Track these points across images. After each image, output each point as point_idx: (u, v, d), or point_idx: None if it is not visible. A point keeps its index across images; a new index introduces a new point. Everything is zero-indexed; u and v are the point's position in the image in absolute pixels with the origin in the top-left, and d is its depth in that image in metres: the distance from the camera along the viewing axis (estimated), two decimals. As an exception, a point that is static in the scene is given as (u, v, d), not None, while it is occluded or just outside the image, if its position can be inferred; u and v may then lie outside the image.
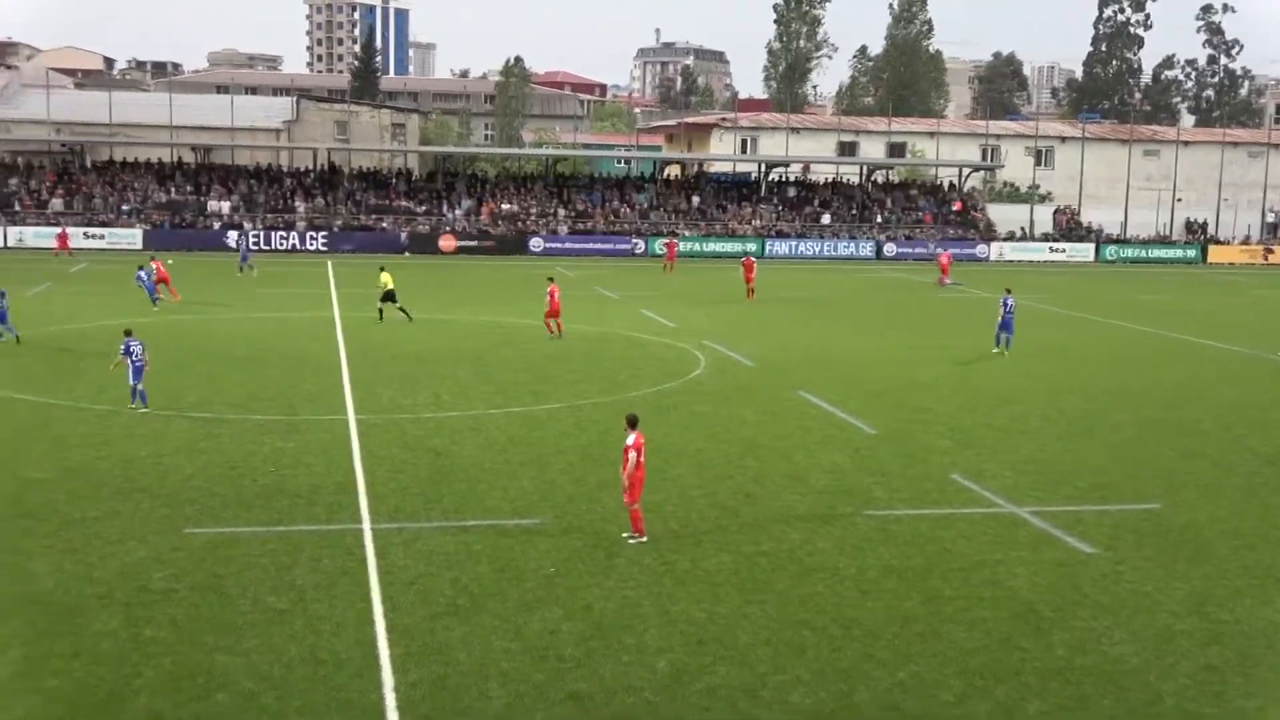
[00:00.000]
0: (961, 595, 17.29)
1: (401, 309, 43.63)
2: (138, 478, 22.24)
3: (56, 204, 77.01)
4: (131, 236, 73.91)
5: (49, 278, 55.84)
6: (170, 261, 49.01)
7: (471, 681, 14.09)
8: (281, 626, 15.54)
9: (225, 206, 78.94)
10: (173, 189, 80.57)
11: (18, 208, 76.54)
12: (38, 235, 72.67)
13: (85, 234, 73.30)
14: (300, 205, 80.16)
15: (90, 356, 34.91)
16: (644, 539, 19.19)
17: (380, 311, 43.71)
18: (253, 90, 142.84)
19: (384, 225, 79.12)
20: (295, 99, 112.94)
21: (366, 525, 19.78)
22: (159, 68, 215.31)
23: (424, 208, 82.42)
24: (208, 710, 13.26)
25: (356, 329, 41.42)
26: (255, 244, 74.39)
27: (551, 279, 43.51)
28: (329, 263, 68.22)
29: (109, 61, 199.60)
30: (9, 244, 71.95)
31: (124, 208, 77.51)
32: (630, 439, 19.43)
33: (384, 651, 14.82)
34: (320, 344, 38.27)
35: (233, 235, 74.65)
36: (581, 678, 14.27)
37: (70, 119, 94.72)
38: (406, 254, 75.12)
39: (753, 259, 56.99)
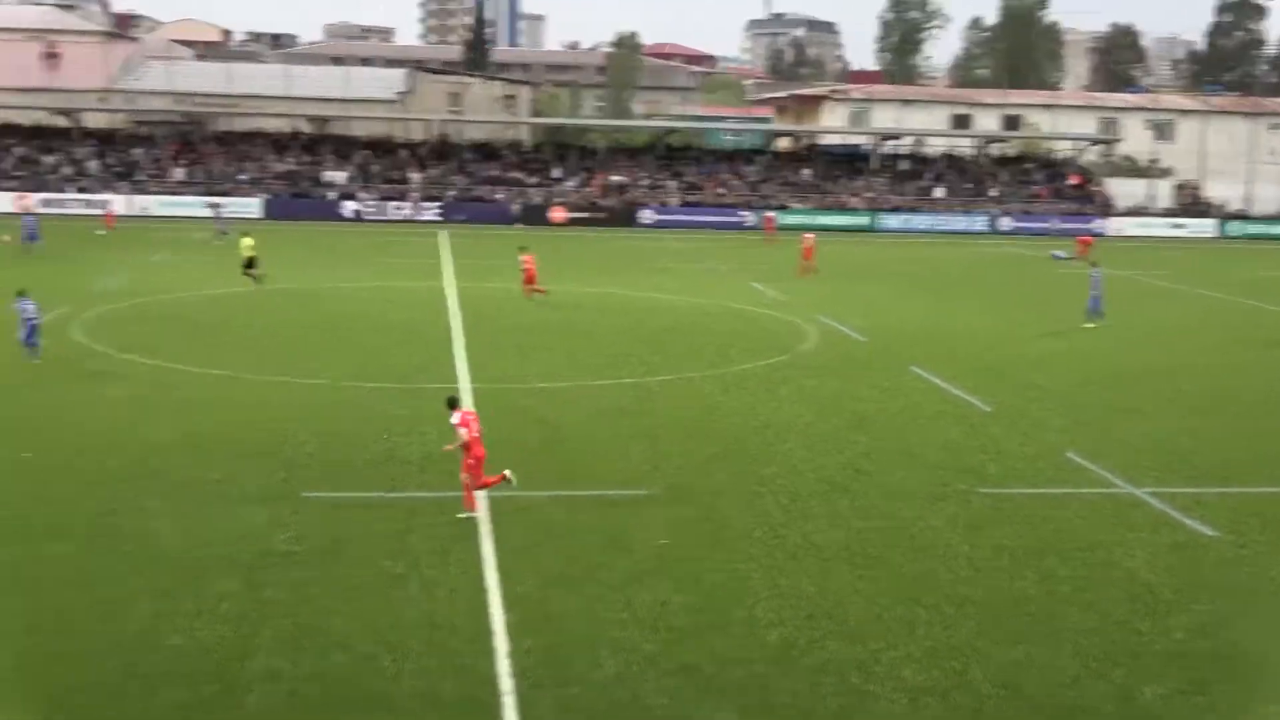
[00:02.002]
0: (1077, 576, 17.04)
1: (252, 275, 42.97)
2: (258, 441, 22.70)
3: (178, 173, 78.64)
4: (250, 206, 75.23)
5: (168, 246, 57.06)
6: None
7: (583, 650, 14.20)
8: (397, 591, 15.79)
9: (341, 177, 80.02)
10: (290, 159, 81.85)
11: (142, 177, 78.27)
12: (161, 204, 74.29)
13: (206, 203, 74.64)
14: (414, 176, 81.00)
15: (209, 323, 35.67)
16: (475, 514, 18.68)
17: (254, 279, 42.89)
18: (367, 62, 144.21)
19: (498, 196, 79.64)
20: (409, 71, 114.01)
21: (480, 493, 19.97)
22: (275, 40, 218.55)
23: (535, 179, 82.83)
24: (325, 671, 13.52)
25: (469, 299, 41.78)
26: (371, 213, 75.38)
27: (524, 248, 43.67)
28: (442, 233, 68.89)
29: (227, 34, 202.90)
30: (134, 213, 73.55)
31: (242, 177, 78.90)
32: (455, 418, 19.00)
33: (497, 618, 15.00)
34: (434, 314, 38.69)
35: (350, 205, 75.69)
36: (692, 649, 14.31)
37: (191, 90, 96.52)
38: (519, 225, 75.55)
39: (813, 236, 55.39)
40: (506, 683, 13.37)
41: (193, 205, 74.08)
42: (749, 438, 24.15)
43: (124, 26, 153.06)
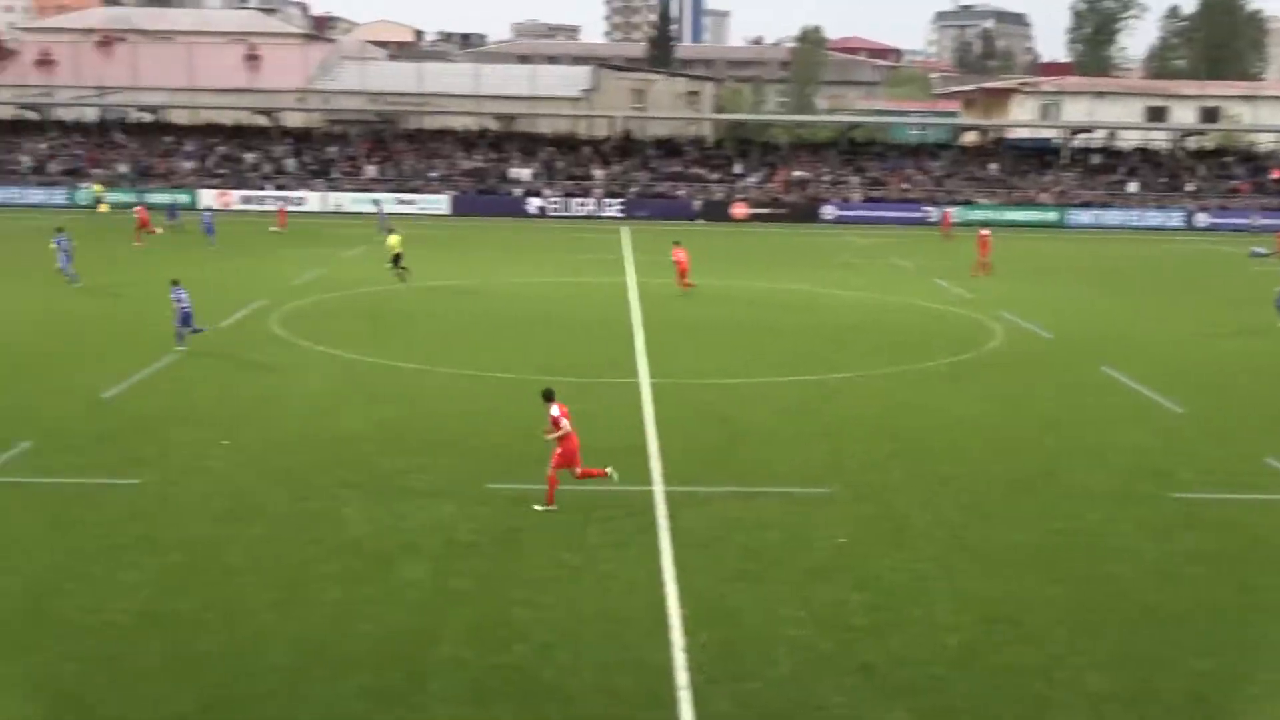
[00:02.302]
0: (1277, 586, 16.39)
1: (400, 270, 44.10)
2: (444, 433, 23.23)
3: (370, 171, 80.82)
4: (439, 202, 76.91)
5: (364, 242, 58.64)
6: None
7: (759, 647, 14.20)
8: (576, 583, 16.00)
9: (526, 174, 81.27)
10: (477, 156, 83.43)
11: (336, 174, 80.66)
12: (354, 201, 76.45)
13: (398, 200, 76.67)
14: (597, 172, 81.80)
15: (402, 317, 36.60)
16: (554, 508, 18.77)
17: (401, 274, 43.97)
18: (553, 60, 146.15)
19: (680, 192, 79.90)
20: (594, 68, 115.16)
21: (658, 488, 20.12)
22: (465, 39, 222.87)
23: (717, 175, 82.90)
24: (507, 661, 13.78)
25: (651, 295, 42.05)
26: (555, 210, 76.38)
27: (677, 242, 44.29)
28: (624, 229, 69.43)
29: (419, 34, 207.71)
30: (327, 209, 75.84)
31: (432, 174, 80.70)
32: (554, 410, 19.02)
33: (674, 612, 15.09)
34: (616, 310, 39.03)
35: (534, 202, 76.80)
36: (870, 649, 14.20)
37: (383, 89, 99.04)
38: (700, 221, 75.73)
39: (989, 232, 53.50)
40: (682, 677, 13.45)
41: (385, 202, 76.00)
42: (931, 436, 23.82)
43: (321, 28, 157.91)
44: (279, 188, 78.02)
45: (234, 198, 75.62)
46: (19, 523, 17.91)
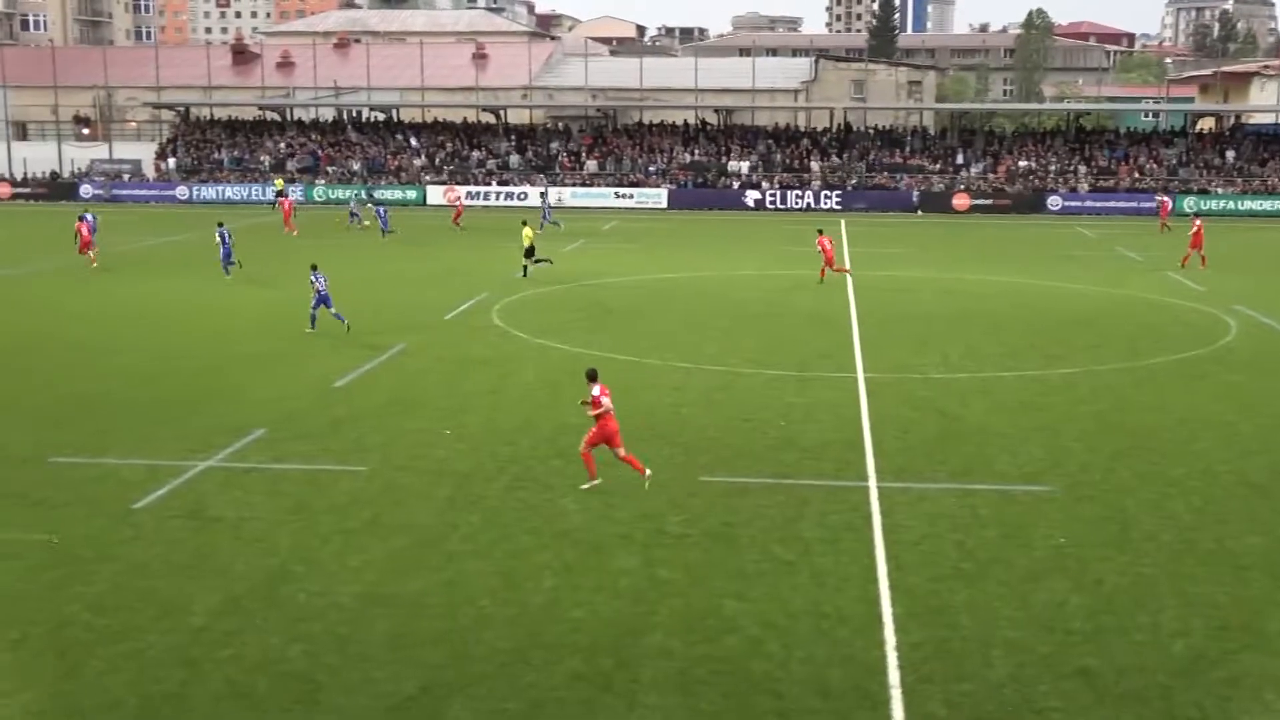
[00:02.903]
0: None
1: (540, 260, 44.20)
2: (657, 425, 23.42)
3: (591, 166, 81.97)
4: (657, 196, 77.53)
5: (584, 235, 59.51)
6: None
7: (975, 647, 13.94)
8: (787, 577, 15.96)
9: (744, 166, 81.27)
10: (695, 150, 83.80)
11: (557, 170, 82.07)
12: (574, 195, 77.63)
13: (616, 194, 77.59)
14: (815, 164, 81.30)
15: (619, 310, 37.03)
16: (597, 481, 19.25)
17: (525, 268, 43.85)
18: (773, 52, 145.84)
19: (899, 184, 78.78)
20: (814, 59, 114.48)
21: (872, 483, 19.92)
22: (686, 33, 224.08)
23: (938, 165, 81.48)
24: (716, 652, 13.83)
25: (867, 287, 41.60)
26: (773, 202, 76.19)
27: (821, 230, 44.13)
28: (842, 221, 68.83)
29: (641, 29, 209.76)
30: (549, 203, 77.07)
31: (650, 168, 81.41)
32: (595, 390, 19.25)
33: (886, 610, 14.92)
34: (832, 302, 38.74)
35: (752, 194, 76.72)
36: (1090, 653, 13.79)
37: (605, 85, 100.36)
38: (919, 212, 74.59)
39: (1202, 222, 50.13)
40: (894, 675, 13.29)
41: (603, 196, 77.11)
42: (1159, 435, 22.97)
43: (546, 26, 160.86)
44: (501, 183, 79.75)
45: (460, 193, 77.60)
46: (255, 507, 18.76)
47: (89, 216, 48.79)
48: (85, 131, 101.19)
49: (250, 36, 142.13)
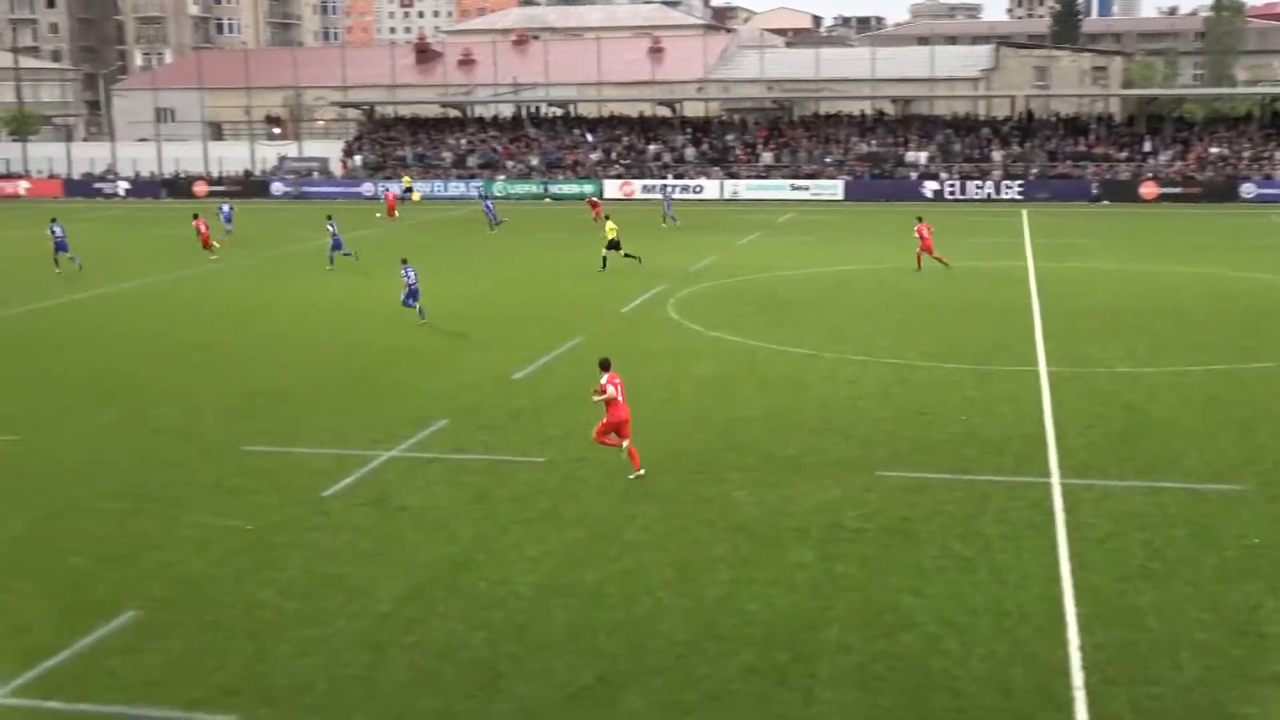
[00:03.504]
0: None
1: (627, 254, 44.14)
2: (833, 419, 23.27)
3: (767, 158, 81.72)
4: (833, 188, 76.92)
5: (759, 228, 59.39)
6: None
7: (1162, 650, 13.54)
8: (966, 574, 15.72)
9: (922, 157, 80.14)
10: (872, 141, 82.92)
11: (733, 162, 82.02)
12: (749, 188, 77.49)
13: (791, 186, 77.24)
14: (996, 154, 79.73)
15: (795, 303, 36.87)
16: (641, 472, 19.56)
17: (604, 260, 43.96)
18: (952, 40, 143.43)
19: (1084, 173, 76.73)
20: (994, 46, 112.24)
21: (1055, 479, 19.49)
22: (863, 23, 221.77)
23: (1124, 154, 79.15)
24: (893, 649, 13.70)
25: (1049, 279, 40.67)
26: (952, 192, 74.94)
27: (920, 218, 44.27)
28: (1023, 211, 67.38)
29: (817, 20, 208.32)
30: (725, 196, 77.19)
31: (827, 160, 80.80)
32: (604, 378, 19.66)
33: (1070, 609, 14.59)
34: (1012, 294, 37.96)
35: (930, 185, 75.60)
36: (1285, 658, 13.30)
37: (780, 76, 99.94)
38: (1104, 202, 72.61)
39: None
40: (1078, 677, 13.00)
41: (779, 188, 76.82)
42: (1362, 433, 22.00)
43: (721, 19, 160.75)
44: (677, 176, 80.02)
45: (635, 187, 78.09)
46: (437, 496, 19.20)
47: (226, 207, 51.79)
48: (276, 131, 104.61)
49: (432, 36, 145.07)
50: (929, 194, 75.72)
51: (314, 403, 25.29)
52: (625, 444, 19.78)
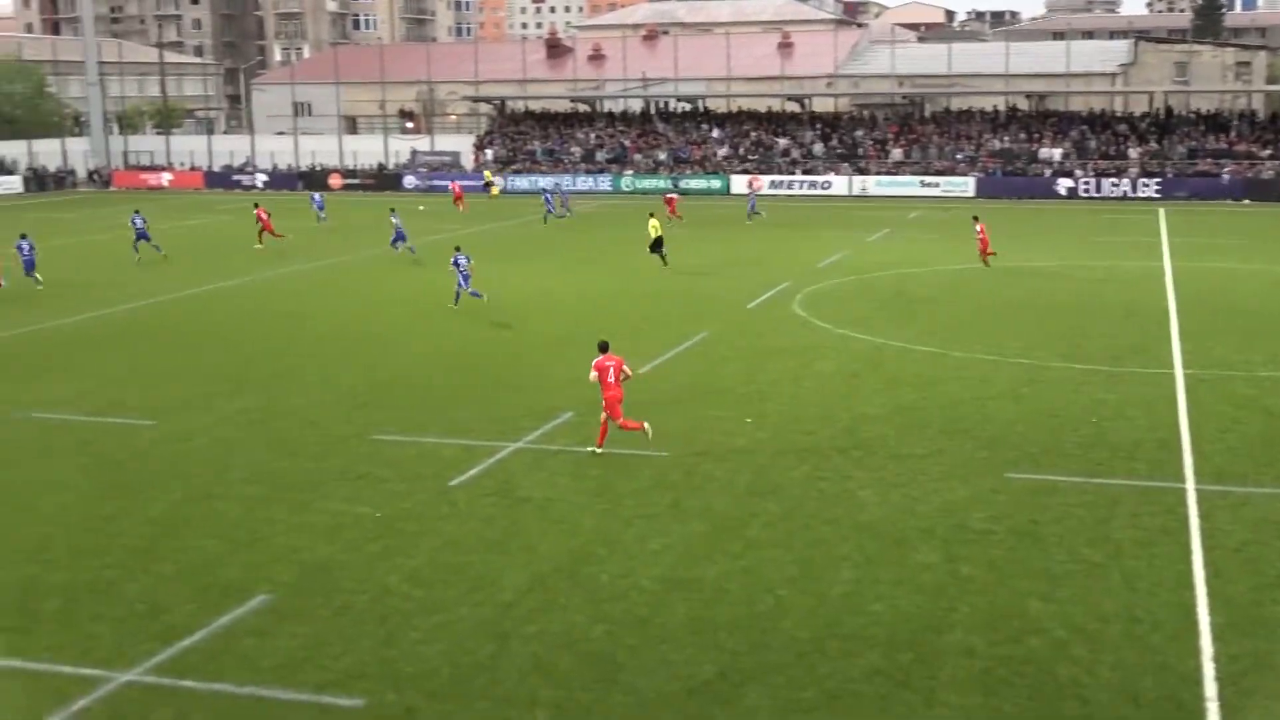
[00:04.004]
0: None
1: (662, 255, 43.49)
2: (961, 419, 22.97)
3: (896, 154, 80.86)
4: (964, 185, 75.83)
5: (888, 224, 58.81)
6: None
7: (1300, 662, 13.15)
8: (1096, 580, 15.41)
9: (1057, 154, 78.61)
10: (1005, 137, 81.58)
11: (862, 158, 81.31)
12: (878, 184, 76.76)
13: (921, 182, 76.34)
14: (1132, 151, 77.93)
15: (923, 300, 36.44)
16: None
17: (664, 257, 43.64)
18: (1089, 35, 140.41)
19: (1224, 171, 74.65)
20: (1133, 41, 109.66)
21: (1190, 485, 19.02)
22: (997, 17, 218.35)
23: (1268, 151, 76.81)
24: (1019, 653, 13.48)
25: (1187, 279, 39.66)
26: (1086, 190, 73.45)
27: (976, 218, 44.87)
28: (1160, 210, 65.79)
29: (949, 14, 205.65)
30: (853, 192, 76.55)
31: (958, 156, 79.69)
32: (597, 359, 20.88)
33: (1204, 618, 14.23)
34: (1148, 294, 37.09)
35: (1064, 182, 74.22)
36: None
37: (911, 72, 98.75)
38: (1245, 201, 70.59)
39: None
40: (1211, 687, 12.67)
41: (909, 185, 76.02)
42: None
43: (852, 14, 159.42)
44: (805, 172, 79.55)
45: (763, 182, 77.81)
46: (561, 488, 19.34)
47: (318, 196, 53.46)
48: (409, 125, 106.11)
49: (563, 31, 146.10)
50: (1062, 191, 74.28)
51: (443, 393, 25.64)
52: (619, 422, 20.76)
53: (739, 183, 78.12)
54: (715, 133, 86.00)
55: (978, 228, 43.45)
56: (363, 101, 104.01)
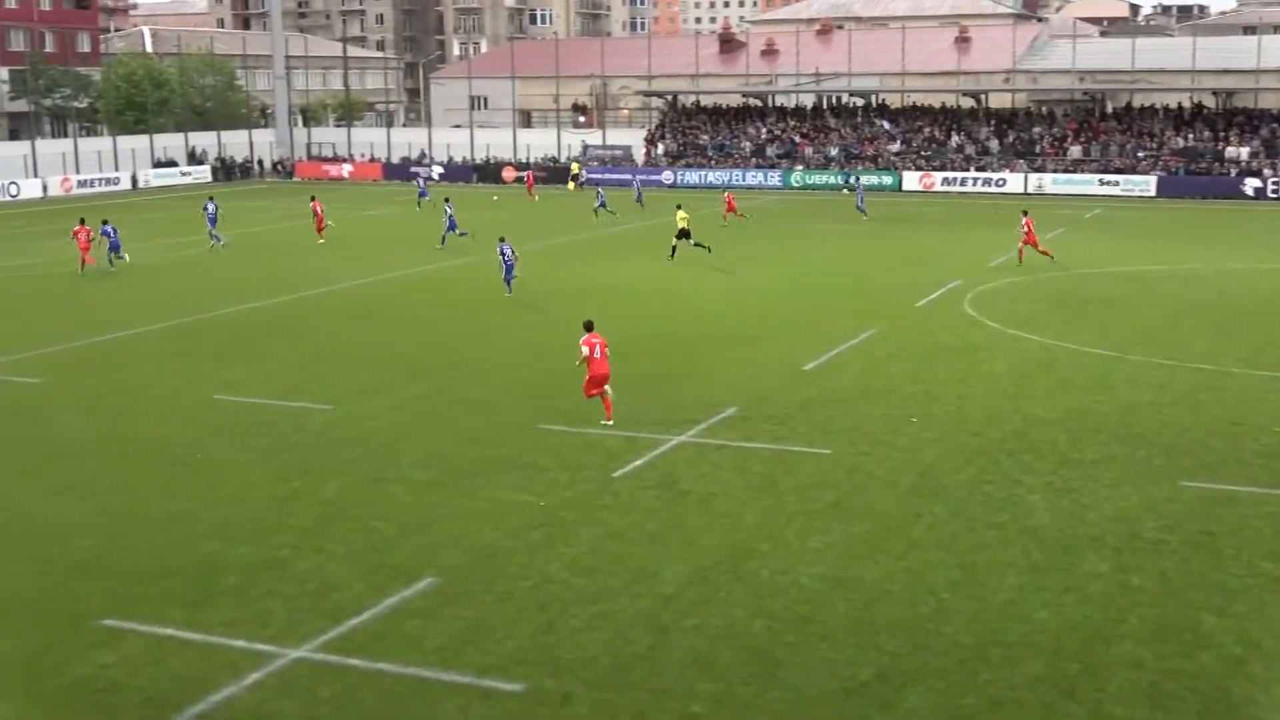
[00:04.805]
0: None
1: (697, 244, 43.76)
2: (1135, 424, 22.36)
3: (1075, 151, 78.93)
4: (1145, 184, 73.65)
5: (1063, 223, 57.47)
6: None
7: None
8: (1275, 595, 14.89)
9: (1244, 152, 75.87)
10: (1189, 135, 79.03)
11: (1038, 156, 79.55)
12: (1055, 182, 75.04)
13: (1100, 180, 74.40)
14: (1328, 150, 74.77)
15: (1099, 301, 35.53)
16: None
17: (673, 249, 44.03)
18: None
19: None
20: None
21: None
22: (1184, 11, 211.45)
23: None
24: (1190, 668, 13.09)
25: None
26: (1276, 191, 70.72)
27: (1025, 211, 44.46)
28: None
29: (1134, 9, 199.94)
30: (1028, 189, 74.88)
31: (1140, 154, 77.46)
32: (584, 338, 22.56)
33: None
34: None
35: (1251, 182, 71.60)
36: None
37: (1092, 67, 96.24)
38: None
39: None
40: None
41: (1087, 183, 74.17)
42: None
43: (1033, 8, 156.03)
44: (979, 169, 78.16)
45: (935, 179, 76.69)
46: (724, 483, 19.37)
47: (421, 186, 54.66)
48: (581, 119, 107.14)
49: (737, 26, 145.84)
50: (1249, 191, 71.64)
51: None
52: (606, 389, 22.55)
53: (911, 179, 77.10)
54: (888, 127, 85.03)
55: (1024, 222, 42.82)
56: (537, 95, 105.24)
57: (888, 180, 77.59)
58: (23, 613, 14.79)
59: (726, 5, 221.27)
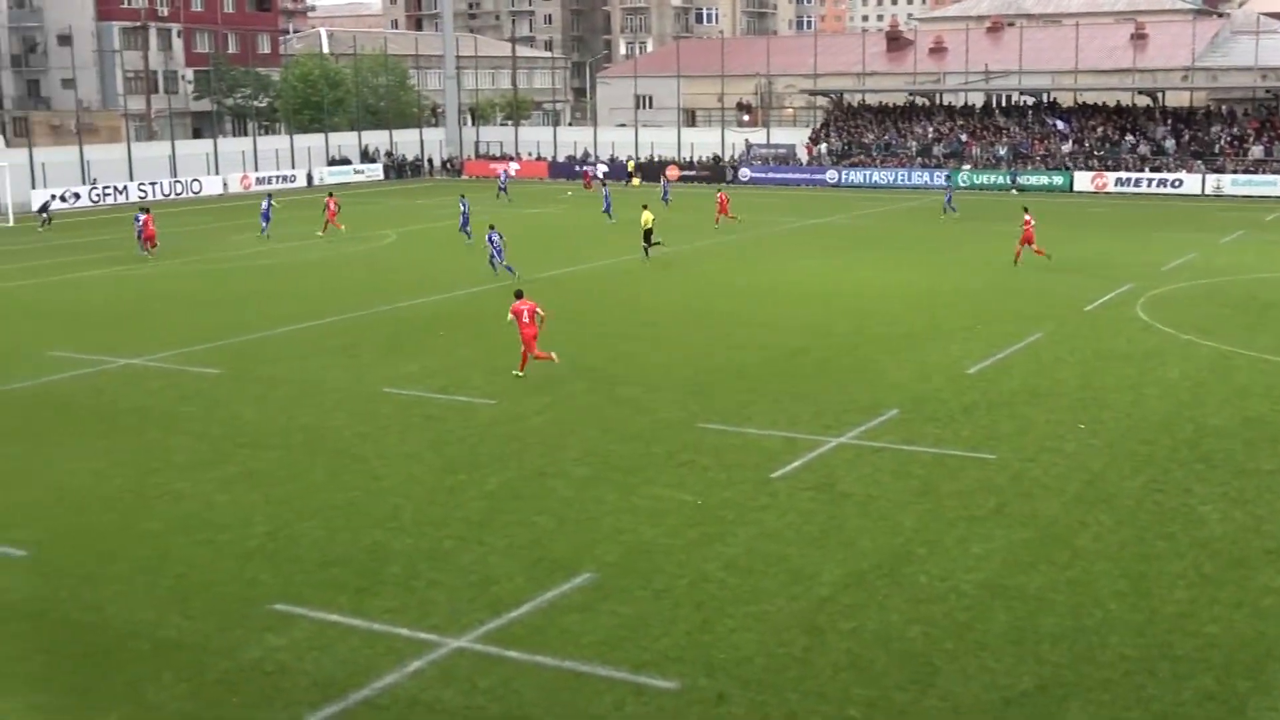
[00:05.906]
0: None
1: (656, 243, 44.40)
2: (1317, 436, 21.53)
3: (1257, 151, 76.21)
4: (1329, 185, 70.76)
5: (1243, 226, 55.56)
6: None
7: None
8: None
9: None
10: (1382, 134, 75.68)
11: (1217, 156, 77.00)
12: (1234, 183, 72.57)
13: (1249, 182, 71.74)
14: None
15: (1276, 306, 34.29)
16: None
17: (645, 250, 44.59)
18: None
19: None
20: None
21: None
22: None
23: None
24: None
25: None
26: None
27: (1025, 209, 44.16)
28: None
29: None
30: (1205, 191, 72.60)
31: (1327, 155, 74.47)
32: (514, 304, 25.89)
33: None
34: None
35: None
36: None
37: (1276, 64, 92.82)
38: None
39: None
40: None
41: (1269, 184, 71.54)
42: None
43: (1213, 3, 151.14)
44: (1154, 169, 75.95)
45: (1109, 180, 74.78)
46: (883, 486, 19.19)
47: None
48: (745, 118, 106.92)
49: (905, 24, 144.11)
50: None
51: (769, 385, 25.79)
52: (534, 353, 25.71)
53: (1082, 179, 75.27)
54: (1061, 126, 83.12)
55: (1025, 218, 42.36)
56: (702, 94, 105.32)
57: (1058, 180, 75.85)
58: (199, 597, 15.34)
59: (894, 3, 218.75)
